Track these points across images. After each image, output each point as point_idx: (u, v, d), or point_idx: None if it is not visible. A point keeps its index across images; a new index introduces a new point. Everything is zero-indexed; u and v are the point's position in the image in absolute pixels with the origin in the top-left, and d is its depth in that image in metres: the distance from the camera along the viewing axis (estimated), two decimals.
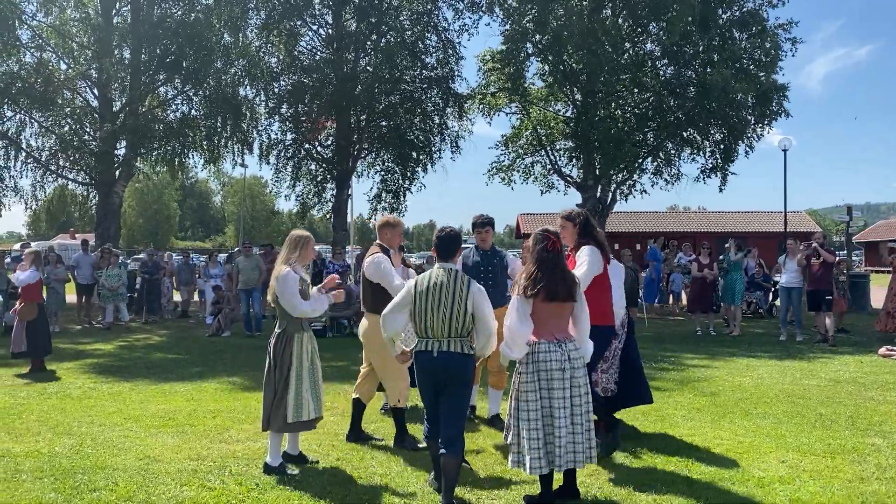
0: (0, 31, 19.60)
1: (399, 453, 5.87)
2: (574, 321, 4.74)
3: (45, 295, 12.22)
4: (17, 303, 10.28)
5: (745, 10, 20.97)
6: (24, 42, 21.22)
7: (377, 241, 6.29)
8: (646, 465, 5.56)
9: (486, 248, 6.88)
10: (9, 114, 21.96)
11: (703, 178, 22.68)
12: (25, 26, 21.12)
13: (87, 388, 8.72)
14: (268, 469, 5.36)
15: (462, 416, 4.74)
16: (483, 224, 6.83)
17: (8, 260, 17.68)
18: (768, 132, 22.00)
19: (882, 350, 11.34)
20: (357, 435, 6.27)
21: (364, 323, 6.20)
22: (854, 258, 47.33)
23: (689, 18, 19.25)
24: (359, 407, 6.33)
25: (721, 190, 22.57)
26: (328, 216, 24.28)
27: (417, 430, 5.94)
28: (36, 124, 22.25)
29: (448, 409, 4.68)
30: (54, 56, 21.96)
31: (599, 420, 5.66)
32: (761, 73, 20.51)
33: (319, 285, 5.83)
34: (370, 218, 24.68)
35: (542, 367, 4.56)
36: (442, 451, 4.61)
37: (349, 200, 22.32)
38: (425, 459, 5.47)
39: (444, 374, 4.66)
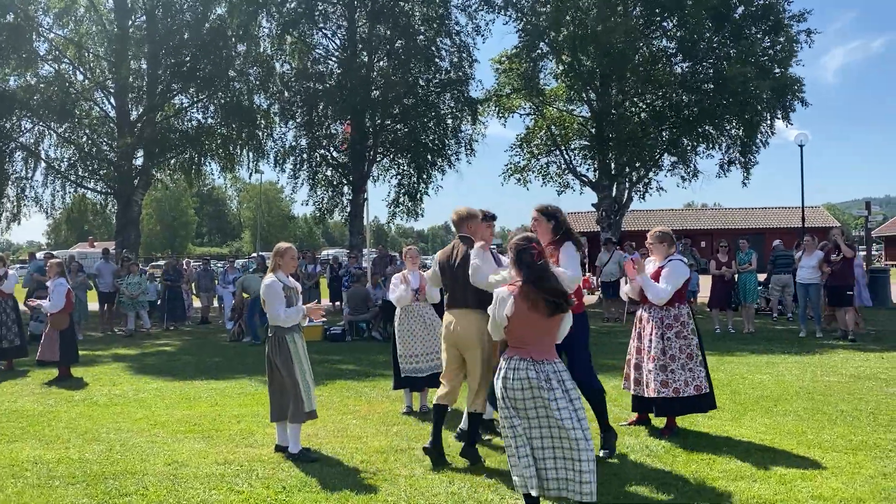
0: (18, 43, 19.92)
1: (424, 456, 5.78)
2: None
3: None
4: (48, 313, 10.40)
5: (759, 3, 20.76)
6: (41, 54, 21.55)
7: (459, 235, 5.95)
8: (667, 463, 5.59)
9: None
10: (28, 125, 22.33)
11: (724, 172, 22.47)
12: (42, 39, 21.42)
13: (112, 395, 8.86)
14: (292, 457, 5.86)
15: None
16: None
17: (28, 268, 17.90)
18: (787, 126, 21.76)
19: None
20: (437, 442, 5.72)
21: (464, 321, 5.67)
22: (874, 252, 46.87)
23: (703, 13, 19.16)
24: (443, 412, 5.82)
25: (745, 185, 22.36)
26: (344, 221, 24.40)
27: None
28: (55, 135, 22.59)
29: None
30: (71, 67, 22.25)
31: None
32: (776, 69, 20.36)
33: (308, 305, 6.20)
34: (388, 222, 24.82)
35: (509, 384, 4.29)
36: None
37: (365, 205, 22.47)
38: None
39: None
